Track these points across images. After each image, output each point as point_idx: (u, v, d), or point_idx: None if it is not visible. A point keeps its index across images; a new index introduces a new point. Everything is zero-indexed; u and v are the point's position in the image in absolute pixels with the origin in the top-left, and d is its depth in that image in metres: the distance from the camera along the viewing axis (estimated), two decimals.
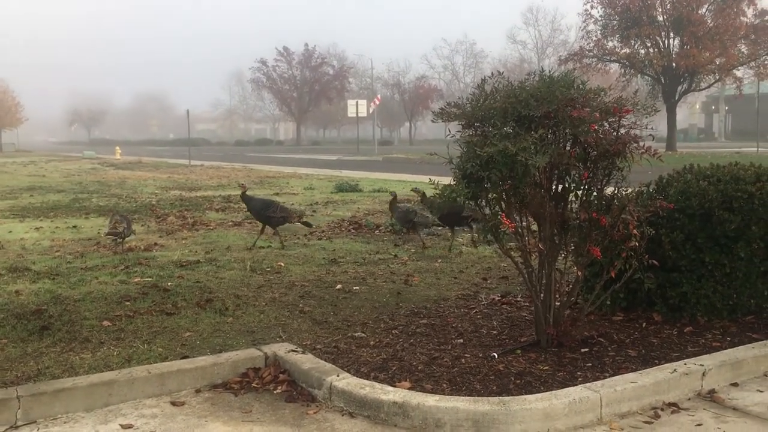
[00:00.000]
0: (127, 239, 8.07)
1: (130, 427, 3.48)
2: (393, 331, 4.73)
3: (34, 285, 6.15)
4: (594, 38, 39.47)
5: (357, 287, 6.05)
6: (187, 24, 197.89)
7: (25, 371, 4.01)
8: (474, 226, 8.08)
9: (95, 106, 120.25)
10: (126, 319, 5.01)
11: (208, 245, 8.34)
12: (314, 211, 11.70)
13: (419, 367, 4.00)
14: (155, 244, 8.46)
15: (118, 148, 48.92)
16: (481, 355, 4.20)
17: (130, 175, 23.32)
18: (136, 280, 6.30)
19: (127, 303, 5.42)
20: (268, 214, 8.34)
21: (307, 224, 9.02)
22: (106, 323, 4.89)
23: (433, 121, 4.64)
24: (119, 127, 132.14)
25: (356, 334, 4.67)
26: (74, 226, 10.23)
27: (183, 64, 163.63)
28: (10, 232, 9.76)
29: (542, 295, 4.29)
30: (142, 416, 3.61)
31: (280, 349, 4.23)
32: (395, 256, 7.59)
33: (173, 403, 3.76)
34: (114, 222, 7.88)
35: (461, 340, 4.51)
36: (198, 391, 3.91)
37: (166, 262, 7.16)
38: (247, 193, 8.79)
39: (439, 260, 7.33)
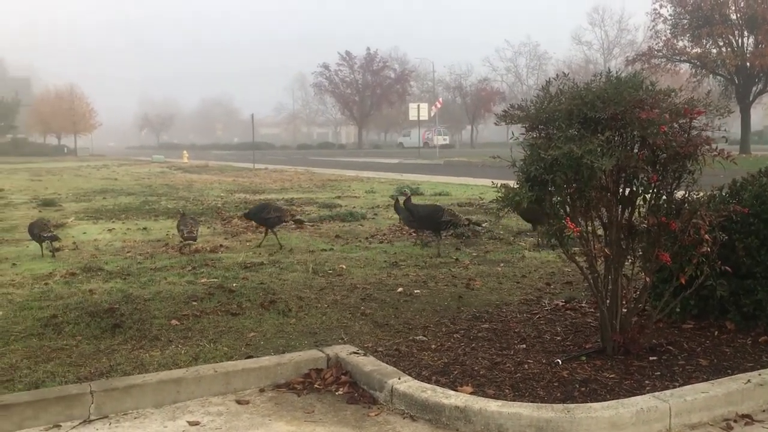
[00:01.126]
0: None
1: (197, 424, 3.57)
2: (454, 335, 4.71)
3: (106, 284, 6.38)
4: (663, 38, 38.37)
5: (418, 290, 6.04)
6: (251, 29, 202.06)
7: (98, 367, 4.16)
8: (453, 231, 8.30)
9: (164, 111, 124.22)
10: (193, 318, 5.14)
11: (271, 247, 8.47)
12: (375, 214, 11.75)
13: (481, 372, 3.97)
14: (221, 245, 8.66)
15: (185, 152, 50.35)
16: (544, 361, 4.13)
17: (197, 179, 23.94)
18: (202, 280, 6.46)
19: (194, 303, 5.57)
20: (263, 216, 8.69)
21: (299, 221, 9.69)
22: (174, 322, 5.03)
23: (495, 124, 4.59)
24: (186, 132, 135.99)
25: (417, 338, 4.67)
26: (144, 228, 10.56)
27: (247, 69, 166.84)
28: (85, 233, 10.16)
29: (608, 301, 4.19)
30: (209, 414, 3.69)
31: (342, 351, 4.27)
32: (456, 259, 7.55)
33: (238, 402, 3.84)
34: (190, 226, 8.09)
35: (524, 346, 4.45)
36: (262, 390, 3.98)
37: (232, 264, 7.32)
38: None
39: (501, 264, 7.25)
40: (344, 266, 7.13)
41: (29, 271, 7.15)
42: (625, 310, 4.29)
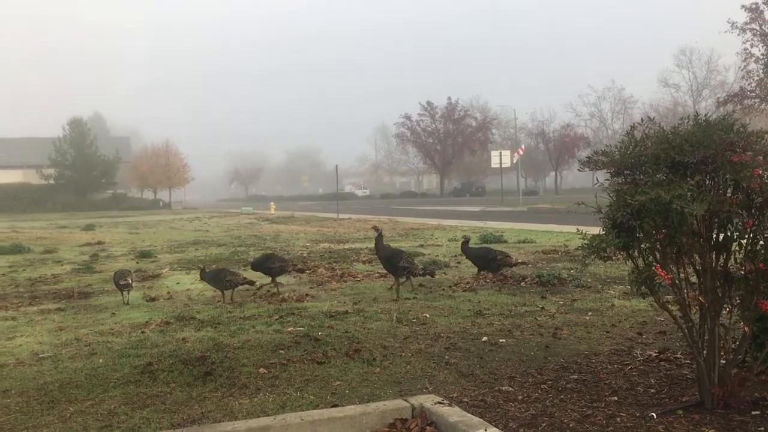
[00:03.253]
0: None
1: None
2: (542, 386, 4.60)
3: (198, 333, 6.60)
4: (756, 78, 37.05)
5: (503, 340, 5.95)
6: (334, 83, 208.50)
7: (190, 414, 4.29)
8: (406, 278, 8.71)
9: (252, 165, 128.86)
10: (280, 366, 5.24)
11: (355, 296, 8.56)
12: (459, 263, 11.70)
13: (570, 425, 3.85)
14: (306, 295, 8.81)
15: (272, 203, 51.85)
16: (638, 414, 3.97)
17: (284, 229, 24.55)
18: (289, 329, 6.59)
19: (281, 351, 5.67)
20: (267, 266, 9.22)
21: (301, 270, 10.22)
22: (262, 370, 5.14)
23: (579, 170, 4.55)
24: (273, 184, 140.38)
25: (503, 388, 4.58)
26: None
27: (332, 122, 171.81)
28: (178, 283, 10.57)
29: (705, 351, 4.00)
30: None
31: (427, 401, 4.23)
32: (542, 308, 7.40)
33: None
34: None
35: (615, 398, 4.29)
36: None
37: (317, 313, 7.43)
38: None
39: (590, 313, 7.05)
40: (428, 315, 7.11)
41: (127, 320, 7.50)
42: (724, 362, 4.08)
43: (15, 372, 5.40)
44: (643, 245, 4.00)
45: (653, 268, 3.85)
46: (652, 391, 4.43)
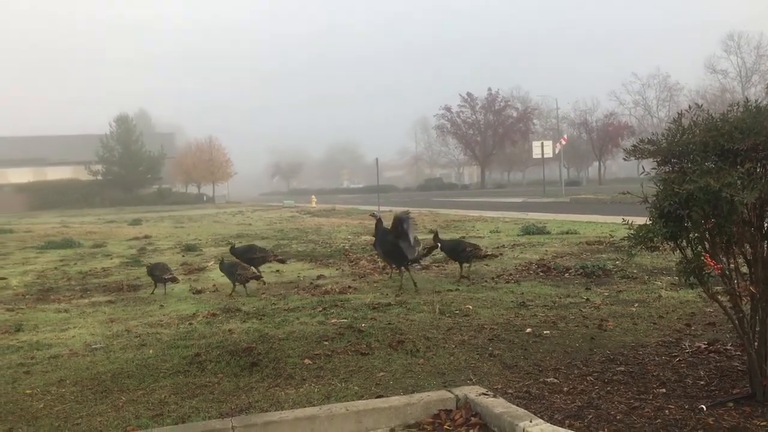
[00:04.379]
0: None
1: None
2: (588, 378, 4.55)
3: (244, 324, 6.71)
4: None
5: (547, 331, 5.91)
6: (375, 75, 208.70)
7: (238, 404, 4.38)
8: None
9: (293, 159, 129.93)
10: (325, 357, 5.30)
11: (398, 288, 8.59)
12: (501, 254, 11.63)
13: (618, 417, 3.81)
14: (349, 287, 8.87)
15: (313, 197, 52.24)
16: (687, 406, 3.90)
17: (325, 222, 24.72)
18: (333, 321, 6.65)
19: (326, 342, 5.73)
20: (249, 256, 9.58)
21: (282, 261, 10.59)
22: (307, 361, 5.21)
23: (624, 159, 4.48)
24: (314, 178, 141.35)
25: (548, 380, 4.56)
26: (277, 271, 11.02)
27: (371, 115, 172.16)
28: (223, 276, 10.72)
29: (756, 343, 3.92)
30: None
31: (471, 392, 4.24)
32: (587, 299, 7.31)
33: None
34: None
35: (664, 390, 4.23)
36: (392, 430, 4.02)
37: (360, 304, 7.48)
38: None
39: (636, 304, 6.95)
40: (471, 306, 7.10)
41: (175, 311, 7.66)
42: None
43: (69, 362, 5.58)
44: (691, 235, 3.92)
45: (702, 258, 3.77)
46: (702, 383, 4.35)
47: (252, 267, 9.26)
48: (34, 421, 4.23)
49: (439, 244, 9.59)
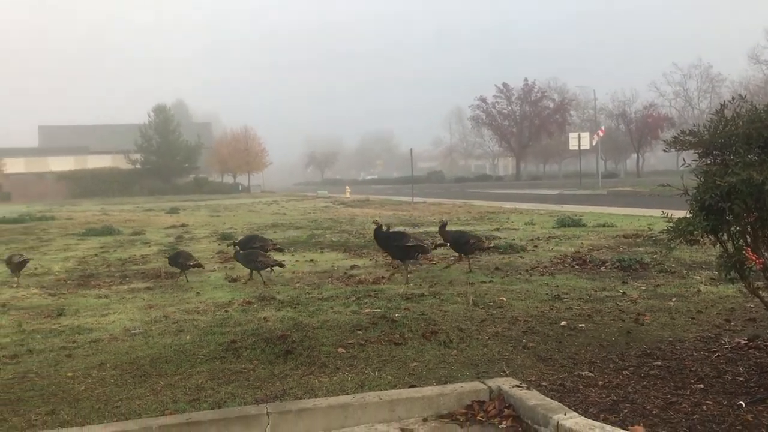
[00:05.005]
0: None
1: None
2: (623, 372, 4.51)
3: (279, 312, 6.79)
4: None
5: (582, 324, 5.85)
6: (409, 66, 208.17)
7: (273, 390, 4.43)
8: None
9: (327, 149, 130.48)
10: (358, 346, 5.33)
11: (431, 279, 8.59)
12: (536, 246, 11.54)
13: (654, 412, 3.76)
14: (382, 277, 8.90)
15: (348, 187, 52.41)
16: (725, 402, 3.84)
17: (359, 213, 24.80)
18: (366, 310, 6.68)
19: (359, 332, 5.77)
20: (250, 245, 9.89)
21: (280, 249, 10.79)
22: (340, 350, 5.25)
23: (665, 151, 4.41)
24: (348, 168, 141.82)
25: (583, 373, 4.52)
26: (311, 260, 11.10)
27: (406, 105, 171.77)
28: None
29: None
30: None
31: (505, 384, 4.23)
32: (623, 293, 7.22)
33: (402, 430, 3.91)
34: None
35: (701, 386, 4.16)
36: (425, 420, 4.03)
37: (393, 295, 7.50)
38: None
39: (674, 299, 6.84)
40: (504, 298, 7.06)
41: (211, 299, 7.78)
42: None
43: (109, 347, 5.70)
44: (732, 228, 3.85)
45: (744, 252, 3.70)
46: (741, 379, 4.27)
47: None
48: (76, 403, 4.34)
49: (448, 244, 9.69)
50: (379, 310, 6.68)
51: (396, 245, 8.73)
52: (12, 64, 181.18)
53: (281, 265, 9.09)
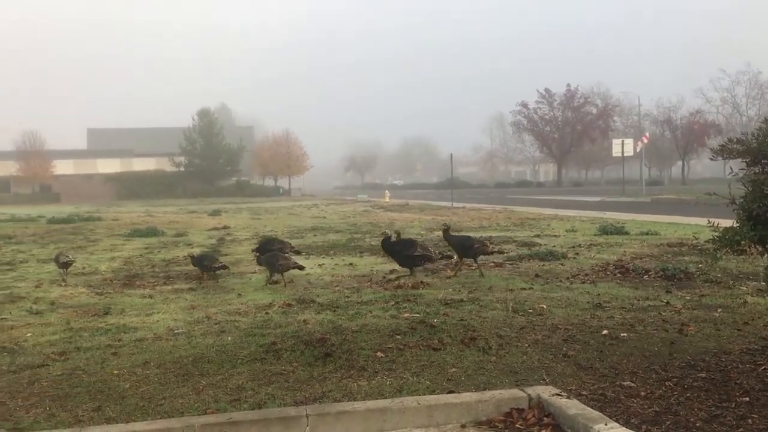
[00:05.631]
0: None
1: None
2: (666, 383, 4.43)
3: (318, 315, 6.85)
4: None
5: (624, 334, 5.77)
6: (450, 71, 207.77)
7: (312, 392, 4.48)
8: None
9: (367, 153, 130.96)
10: (397, 351, 5.35)
11: (470, 285, 8.56)
12: (577, 254, 11.41)
13: (697, 424, 3.70)
14: (421, 282, 8.90)
15: (387, 191, 52.50)
16: None
17: (398, 217, 24.82)
18: (405, 315, 6.69)
19: (398, 336, 5.78)
20: (268, 248, 10.06)
21: (297, 252, 11.10)
22: (379, 354, 5.27)
23: (711, 159, 4.34)
24: (388, 172, 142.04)
25: (625, 383, 4.46)
26: (350, 264, 11.16)
27: (446, 110, 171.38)
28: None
29: None
30: None
31: (544, 392, 4.20)
32: (667, 303, 7.10)
33: None
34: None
35: (747, 399, 4.07)
36: (463, 426, 4.03)
37: (432, 300, 7.50)
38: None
39: (719, 310, 6.69)
40: (545, 306, 7.00)
41: (252, 301, 7.88)
42: None
43: (153, 345, 5.83)
44: None
45: None
46: None
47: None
48: (121, 400, 4.46)
49: (453, 248, 9.90)
50: (417, 315, 6.68)
51: (404, 254, 9.17)
52: (63, 68, 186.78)
53: (301, 268, 9.34)
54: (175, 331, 6.33)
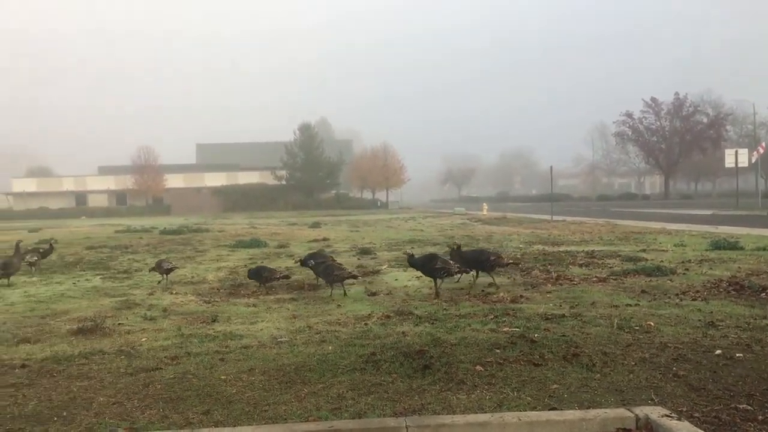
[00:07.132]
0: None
1: None
2: None
3: (417, 327, 6.86)
4: None
5: (740, 354, 5.45)
6: (551, 82, 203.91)
7: (411, 404, 4.49)
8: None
9: (464, 166, 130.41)
10: (496, 365, 5.28)
11: (572, 300, 8.34)
12: (686, 269, 10.88)
13: None
14: (521, 296, 8.75)
15: (485, 204, 52.02)
16: None
17: (496, 230, 24.52)
18: (504, 329, 6.60)
19: (497, 350, 5.71)
20: (311, 261, 10.32)
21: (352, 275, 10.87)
22: (478, 368, 5.22)
23: None
24: (486, 185, 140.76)
25: (741, 406, 4.21)
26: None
27: (547, 122, 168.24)
28: (396, 279, 11.04)
29: None
30: None
31: (653, 413, 4.03)
32: None
33: None
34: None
35: None
36: None
37: (532, 314, 7.36)
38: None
39: None
40: (652, 323, 6.72)
41: (352, 312, 8.00)
42: None
43: (258, 353, 6.03)
44: None
45: None
46: None
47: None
48: (228, 404, 4.63)
49: (467, 265, 9.89)
50: (517, 329, 6.57)
51: (427, 267, 9.31)
52: (175, 86, 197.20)
53: (355, 277, 9.73)
54: (278, 340, 6.52)
